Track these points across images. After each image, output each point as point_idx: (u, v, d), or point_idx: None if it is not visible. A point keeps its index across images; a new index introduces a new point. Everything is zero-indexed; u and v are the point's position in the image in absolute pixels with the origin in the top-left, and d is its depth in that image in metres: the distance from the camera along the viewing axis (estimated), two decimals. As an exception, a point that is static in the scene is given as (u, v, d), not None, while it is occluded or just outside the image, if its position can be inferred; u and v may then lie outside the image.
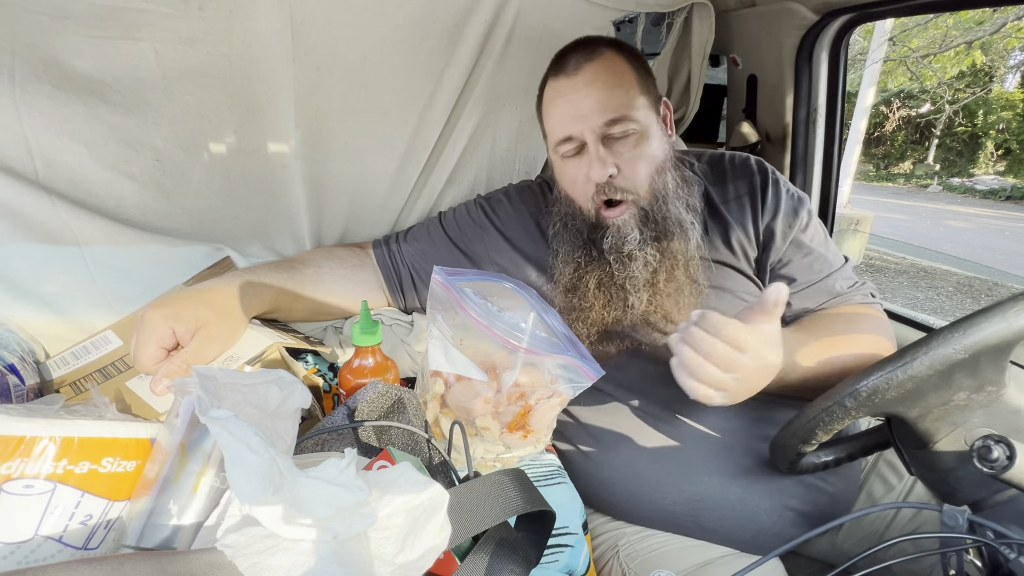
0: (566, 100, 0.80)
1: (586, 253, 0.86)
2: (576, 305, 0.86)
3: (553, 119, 0.83)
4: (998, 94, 12.73)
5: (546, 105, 0.85)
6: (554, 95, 0.83)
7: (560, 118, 0.82)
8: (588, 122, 0.79)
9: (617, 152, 0.80)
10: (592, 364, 0.76)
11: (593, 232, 0.85)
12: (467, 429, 0.69)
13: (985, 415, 0.57)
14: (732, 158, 0.93)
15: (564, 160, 0.84)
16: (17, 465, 0.43)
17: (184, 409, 0.50)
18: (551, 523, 0.52)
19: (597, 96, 0.79)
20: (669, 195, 0.83)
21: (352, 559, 0.38)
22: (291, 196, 0.96)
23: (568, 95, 0.80)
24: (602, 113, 0.78)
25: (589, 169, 0.80)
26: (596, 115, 0.78)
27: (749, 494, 0.77)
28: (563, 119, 0.81)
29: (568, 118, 0.80)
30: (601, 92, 0.79)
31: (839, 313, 0.85)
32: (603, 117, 0.78)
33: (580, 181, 0.83)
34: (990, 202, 11.29)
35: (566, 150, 0.82)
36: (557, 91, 0.82)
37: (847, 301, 0.87)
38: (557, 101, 0.82)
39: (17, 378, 0.72)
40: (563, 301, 0.88)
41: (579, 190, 0.84)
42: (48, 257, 0.80)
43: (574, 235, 0.86)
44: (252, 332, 0.78)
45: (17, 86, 0.72)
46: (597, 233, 0.84)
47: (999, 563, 0.48)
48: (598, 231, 0.84)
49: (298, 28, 0.84)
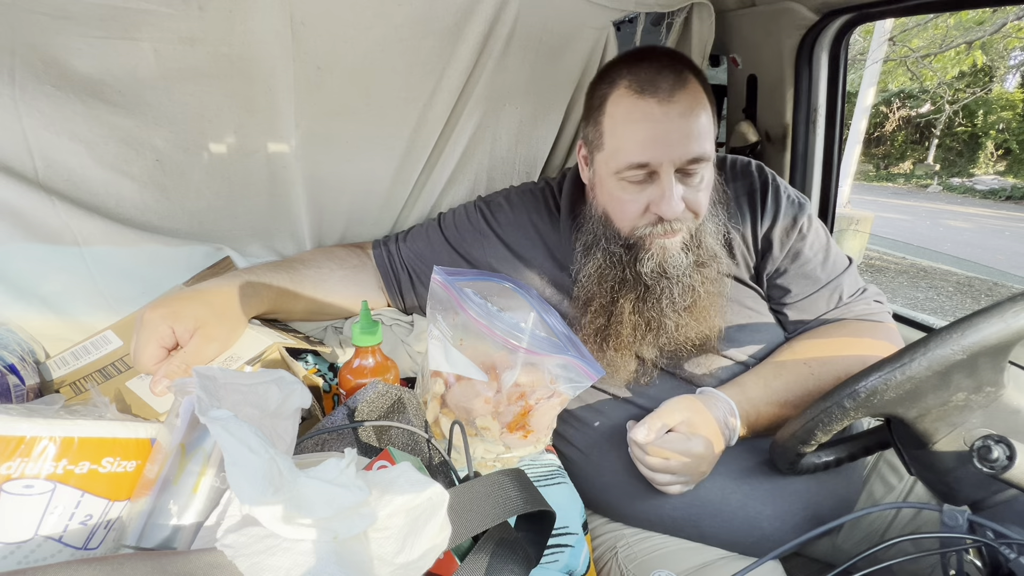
0: (655, 126, 0.73)
1: (621, 276, 0.81)
2: (604, 327, 0.84)
3: (631, 141, 0.74)
4: (998, 94, 12.73)
5: (620, 119, 0.76)
6: (639, 116, 0.73)
7: (642, 143, 0.73)
8: (672, 154, 0.72)
9: (687, 186, 0.75)
10: (592, 364, 0.76)
11: (631, 252, 0.80)
12: (467, 429, 0.69)
13: (984, 415, 0.57)
14: (733, 163, 0.92)
15: (622, 183, 0.77)
16: (17, 465, 0.43)
17: (184, 409, 0.50)
18: (551, 523, 0.52)
19: (688, 131, 0.72)
20: (710, 227, 0.81)
21: (352, 559, 0.38)
22: (291, 196, 0.96)
23: (659, 122, 0.72)
24: (688, 150, 0.72)
25: (658, 202, 0.74)
26: (683, 149, 0.72)
27: (751, 500, 0.77)
28: (645, 145, 0.73)
29: (652, 145, 0.73)
30: (692, 127, 0.73)
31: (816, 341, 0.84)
32: (689, 154, 0.73)
33: (635, 208, 0.77)
34: (990, 202, 11.28)
35: (634, 176, 0.75)
36: (645, 114, 0.73)
37: (846, 313, 0.86)
38: (643, 124, 0.73)
39: (17, 378, 0.72)
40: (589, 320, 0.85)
41: (629, 215, 0.78)
42: (48, 257, 0.80)
43: (608, 255, 0.82)
44: (252, 332, 0.78)
45: (17, 86, 0.72)
46: (637, 254, 0.80)
47: (999, 563, 0.48)
48: (638, 252, 0.80)
49: (298, 28, 0.84)
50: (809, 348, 0.83)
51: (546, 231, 0.93)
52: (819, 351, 0.82)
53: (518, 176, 1.18)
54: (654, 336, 0.83)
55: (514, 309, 0.80)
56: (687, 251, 0.79)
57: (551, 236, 0.92)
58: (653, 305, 0.81)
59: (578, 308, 0.87)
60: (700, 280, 0.80)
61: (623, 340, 0.83)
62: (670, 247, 0.78)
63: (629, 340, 0.83)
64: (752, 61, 1.25)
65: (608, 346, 0.84)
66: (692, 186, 0.76)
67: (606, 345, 0.84)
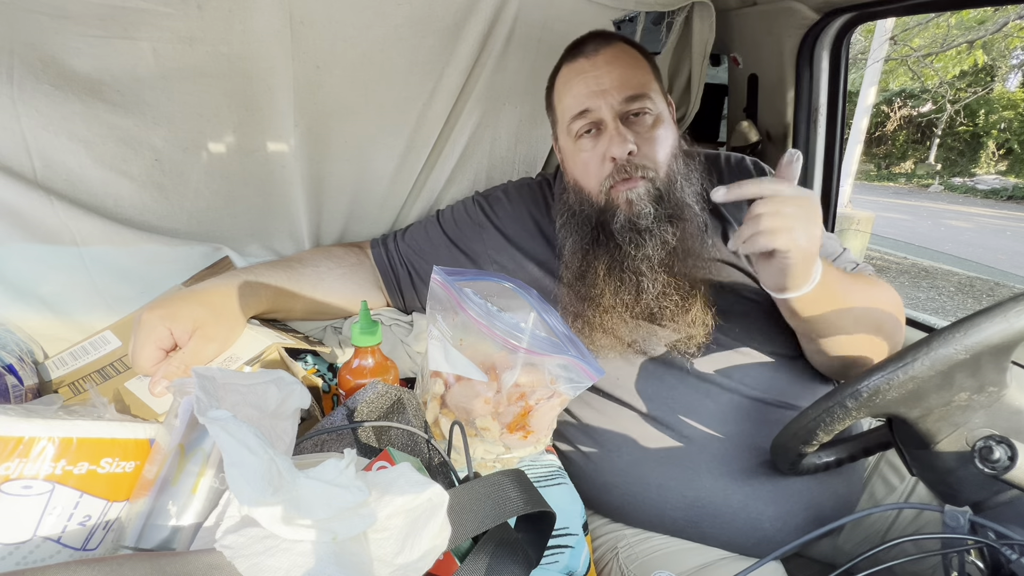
0: (585, 77, 0.80)
1: (594, 239, 0.84)
2: (584, 294, 0.84)
3: (569, 97, 0.82)
4: (999, 93, 12.72)
5: (560, 87, 0.85)
6: (571, 75, 0.82)
7: (577, 95, 0.81)
8: (607, 98, 0.79)
9: (635, 131, 0.79)
10: (593, 364, 0.76)
11: (602, 215, 0.82)
12: (467, 429, 0.68)
13: (986, 416, 0.57)
14: (728, 158, 0.93)
15: (577, 141, 0.82)
16: (15, 466, 0.43)
17: (183, 410, 0.50)
18: (551, 524, 0.52)
19: (617, 73, 0.79)
20: (680, 180, 0.82)
21: (351, 560, 0.38)
22: (290, 196, 0.96)
23: (587, 72, 0.80)
24: (622, 89, 0.78)
25: (608, 147, 0.79)
26: (616, 91, 0.78)
27: (752, 501, 0.77)
28: (580, 95, 0.80)
29: (586, 93, 0.80)
30: (621, 70, 0.79)
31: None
32: (623, 93, 0.78)
33: (594, 162, 0.81)
34: (991, 202, 11.26)
35: (580, 126, 0.81)
36: (575, 71, 0.82)
37: None
38: (574, 80, 0.82)
39: (16, 378, 0.72)
40: (571, 291, 0.86)
41: (592, 172, 0.82)
42: (46, 257, 0.80)
43: (582, 223, 0.84)
44: (251, 332, 0.77)
45: (16, 85, 0.72)
46: (607, 215, 0.82)
47: (1000, 564, 0.48)
48: (607, 213, 0.82)
49: (298, 27, 0.84)
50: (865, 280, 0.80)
51: (543, 222, 0.94)
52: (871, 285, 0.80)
53: (517, 175, 1.18)
54: (633, 298, 0.82)
55: (514, 309, 0.80)
56: (655, 203, 0.80)
57: (548, 227, 0.93)
58: (628, 264, 0.81)
59: (566, 285, 0.87)
60: (672, 234, 0.80)
61: (604, 307, 0.83)
62: (635, 199, 0.79)
63: (610, 305, 0.83)
64: (753, 60, 1.25)
65: (594, 317, 0.83)
66: (642, 132, 0.80)
67: (591, 315, 0.84)
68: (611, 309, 0.83)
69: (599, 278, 0.83)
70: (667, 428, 0.82)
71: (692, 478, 0.79)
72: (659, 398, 0.83)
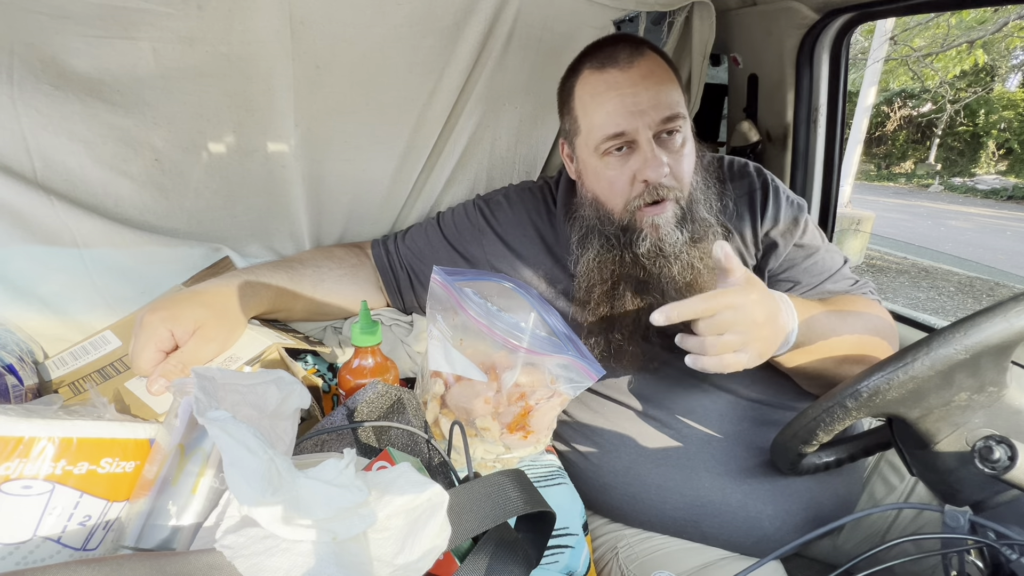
0: (621, 94, 0.74)
1: (617, 256, 0.81)
2: (606, 315, 0.83)
3: (602, 114, 0.76)
4: (1000, 93, 12.72)
5: (587, 98, 0.78)
6: (602, 87, 0.76)
7: (612, 112, 0.75)
8: (645, 118, 0.74)
9: (667, 150, 0.76)
10: (592, 364, 0.76)
11: (626, 235, 0.80)
12: (467, 430, 0.68)
13: (986, 415, 0.57)
14: (731, 163, 0.92)
15: (605, 159, 0.78)
16: (15, 466, 0.43)
17: (183, 410, 0.50)
18: (551, 524, 0.52)
19: (654, 91, 0.74)
20: (701, 195, 0.81)
21: (351, 560, 0.38)
22: (290, 196, 0.96)
23: (623, 89, 0.74)
24: (659, 109, 0.74)
25: (641, 168, 0.75)
26: (654, 111, 0.74)
27: (752, 500, 0.77)
28: (616, 113, 0.75)
29: (623, 113, 0.74)
30: (657, 88, 0.75)
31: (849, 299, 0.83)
32: (660, 114, 0.74)
33: (622, 182, 0.78)
34: (991, 202, 11.26)
35: (611, 147, 0.76)
36: (606, 83, 0.76)
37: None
38: (607, 95, 0.75)
39: (16, 378, 0.72)
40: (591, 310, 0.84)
41: (618, 192, 0.79)
42: (46, 257, 0.80)
43: (603, 240, 0.82)
44: (251, 332, 0.77)
45: (15, 85, 0.72)
46: (631, 235, 0.80)
47: (1000, 564, 0.48)
48: (632, 233, 0.79)
49: (297, 27, 0.84)
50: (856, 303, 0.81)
51: (544, 229, 0.93)
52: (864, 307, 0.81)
53: (518, 176, 1.18)
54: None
55: (514, 309, 0.80)
56: (680, 227, 0.78)
57: (549, 234, 0.93)
58: (654, 287, 0.80)
59: (579, 302, 0.86)
60: (698, 256, 0.79)
61: (627, 327, 0.82)
62: (662, 224, 0.78)
63: (633, 327, 0.82)
64: (753, 60, 1.25)
65: (613, 335, 0.83)
66: (673, 151, 0.77)
67: (611, 335, 0.83)
68: (633, 331, 0.82)
69: (627, 299, 0.81)
70: (666, 428, 0.82)
71: (691, 478, 0.79)
72: (658, 398, 0.83)
